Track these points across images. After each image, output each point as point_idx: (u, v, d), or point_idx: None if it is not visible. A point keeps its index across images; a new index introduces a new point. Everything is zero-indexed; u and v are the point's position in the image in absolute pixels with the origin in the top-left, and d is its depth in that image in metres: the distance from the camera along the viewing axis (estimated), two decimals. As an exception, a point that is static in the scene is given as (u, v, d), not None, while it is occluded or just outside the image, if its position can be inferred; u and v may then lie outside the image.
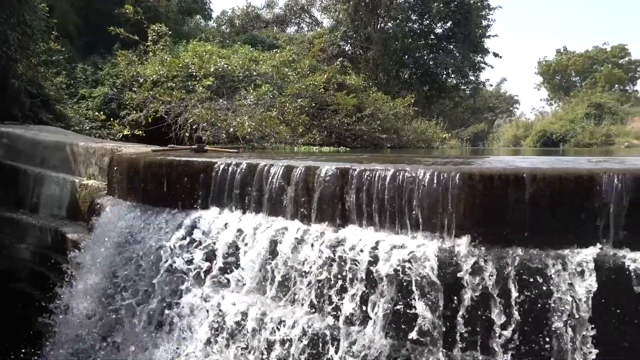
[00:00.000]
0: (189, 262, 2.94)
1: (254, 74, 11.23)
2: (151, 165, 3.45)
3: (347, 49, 26.96)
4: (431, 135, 18.38)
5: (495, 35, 27.54)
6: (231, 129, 8.78)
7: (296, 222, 2.64)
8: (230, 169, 2.99)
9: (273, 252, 2.60)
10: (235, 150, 4.32)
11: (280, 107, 10.35)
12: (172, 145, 5.18)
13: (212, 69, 10.38)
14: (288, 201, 2.71)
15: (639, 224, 2.04)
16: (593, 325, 1.91)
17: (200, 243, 2.93)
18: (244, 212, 2.95)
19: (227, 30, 27.53)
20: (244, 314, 2.62)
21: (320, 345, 2.36)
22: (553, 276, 1.98)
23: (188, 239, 2.96)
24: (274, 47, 18.01)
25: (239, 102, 9.83)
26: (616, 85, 39.01)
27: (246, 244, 2.76)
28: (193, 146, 4.41)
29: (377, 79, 24.78)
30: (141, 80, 10.55)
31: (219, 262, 2.83)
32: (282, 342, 2.45)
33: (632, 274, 1.91)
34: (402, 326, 2.16)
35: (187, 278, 2.94)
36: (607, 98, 30.31)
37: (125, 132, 9.61)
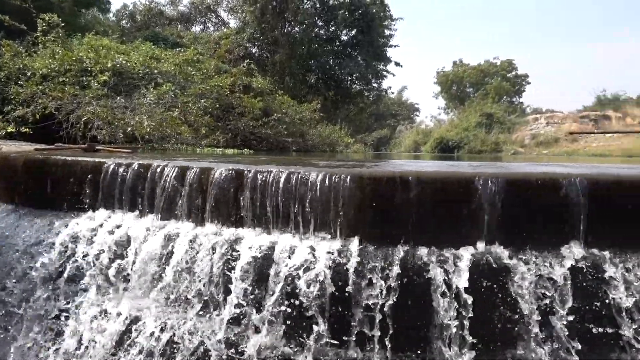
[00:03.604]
0: (77, 266, 2.78)
1: (155, 72, 10.81)
2: (32, 164, 3.21)
3: (254, 51, 26.81)
4: (336, 140, 18.78)
5: (397, 45, 28.57)
6: (129, 129, 8.37)
7: (190, 224, 2.59)
8: (120, 169, 2.86)
9: (165, 255, 2.52)
10: (129, 151, 4.14)
11: (182, 108, 10.05)
12: (59, 144, 4.85)
13: (109, 65, 9.84)
14: (182, 203, 2.65)
15: (511, 224, 2.22)
16: (472, 315, 2.05)
17: (86, 247, 2.77)
18: (135, 215, 2.83)
19: (128, 26, 26.33)
20: (134, 318, 2.51)
21: (214, 346, 2.32)
22: (436, 272, 2.10)
23: (72, 243, 2.79)
24: (178, 45, 17.49)
25: (138, 100, 9.42)
26: (504, 97, 42.14)
27: (137, 247, 2.65)
28: (83, 145, 4.17)
29: (284, 82, 24.91)
30: (29, 74, 9.77)
31: (107, 266, 2.69)
32: (174, 345, 2.38)
33: (506, 270, 2.08)
34: (294, 327, 2.19)
35: (74, 282, 2.77)
36: (497, 108, 32.63)
37: (10, 129, 8.83)
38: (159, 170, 2.73)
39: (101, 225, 2.84)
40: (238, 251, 2.32)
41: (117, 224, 2.80)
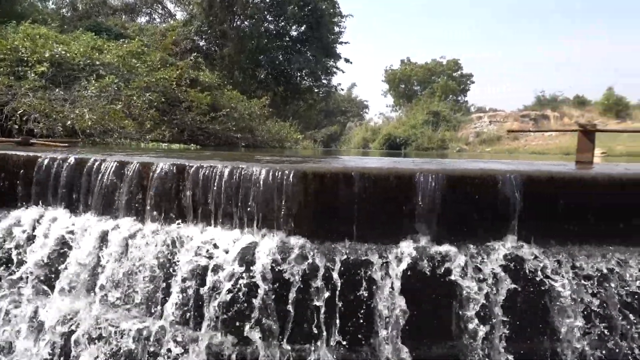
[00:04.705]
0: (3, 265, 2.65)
1: (97, 63, 10.42)
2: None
3: (201, 44, 26.28)
4: (285, 136, 18.74)
5: (347, 42, 28.71)
6: (69, 122, 8.03)
7: (129, 221, 2.51)
8: (55, 164, 2.74)
9: (103, 252, 2.44)
10: (66, 145, 3.98)
11: (126, 101, 9.74)
12: (-9, 137, 4.59)
13: (47, 55, 9.41)
14: (121, 199, 2.56)
15: (451, 219, 2.27)
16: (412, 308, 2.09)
17: (18, 245, 2.64)
18: (71, 211, 2.73)
19: (69, 15, 25.21)
20: (68, 319, 2.42)
21: (154, 346, 2.26)
22: (377, 267, 2.13)
23: (2, 240, 2.65)
24: (122, 36, 16.89)
25: (78, 92, 9.05)
26: (450, 96, 43.26)
27: (73, 245, 2.55)
28: (16, 139, 3.97)
29: (233, 77, 24.57)
30: (-44, 63, 9.20)
31: (40, 265, 2.58)
32: (115, 346, 2.31)
33: (444, 264, 2.13)
34: (237, 323, 2.16)
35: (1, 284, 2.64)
36: (443, 107, 33.52)
37: None
38: (96, 165, 2.63)
39: (35, 222, 2.71)
40: (179, 248, 2.27)
41: (51, 220, 2.69)
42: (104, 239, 2.45)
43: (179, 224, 2.42)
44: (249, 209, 2.28)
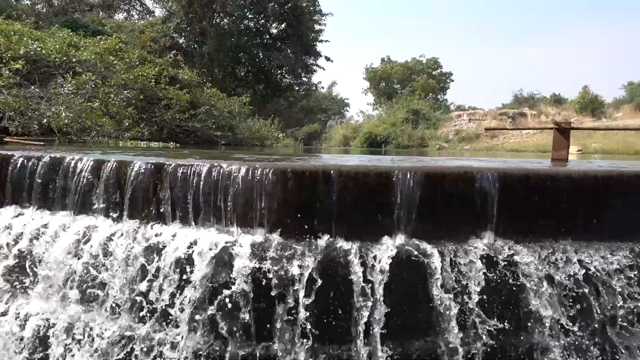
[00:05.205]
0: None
1: (74, 60, 10.24)
2: None
3: (181, 41, 26.06)
4: (266, 134, 18.69)
5: (327, 40, 28.78)
6: (45, 120, 7.89)
7: (106, 220, 2.48)
8: (30, 163, 2.70)
9: (80, 253, 2.41)
10: (42, 143, 3.91)
11: (104, 98, 9.60)
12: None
13: (22, 52, 9.22)
14: (97, 198, 2.53)
15: (428, 216, 2.30)
16: (391, 305, 2.10)
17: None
18: (47, 211, 2.69)
19: (44, 11, 24.75)
20: (47, 322, 2.39)
21: (132, 348, 2.25)
22: (356, 265, 2.14)
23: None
24: (99, 33, 16.62)
25: (54, 90, 8.89)
26: (430, 94, 43.54)
27: (49, 245, 2.51)
28: (-11, 137, 3.89)
29: (213, 75, 24.42)
30: None
31: (16, 266, 2.54)
32: (94, 348, 2.28)
33: (424, 260, 2.15)
34: (216, 323, 2.15)
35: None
36: (423, 105, 33.66)
37: None
38: (72, 163, 2.59)
39: (9, 222, 2.67)
40: (158, 247, 2.25)
41: (27, 220, 2.64)
42: (82, 238, 2.42)
43: (157, 223, 2.40)
44: (228, 207, 2.28)
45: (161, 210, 2.41)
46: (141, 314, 2.24)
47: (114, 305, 2.32)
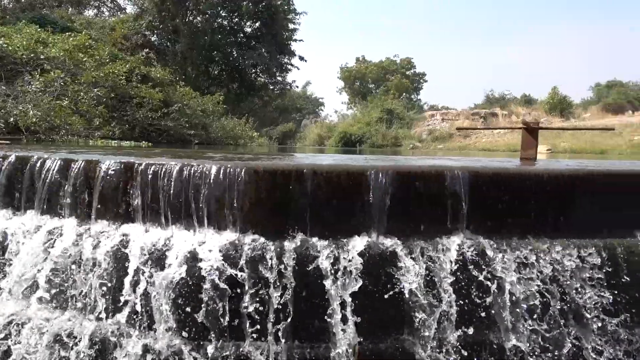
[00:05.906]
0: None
1: (42, 57, 10.02)
2: None
3: (153, 39, 25.71)
4: (240, 133, 18.59)
5: (302, 40, 28.77)
6: (12, 119, 7.70)
7: (74, 221, 2.43)
8: (-6, 162, 2.62)
9: (46, 255, 2.35)
10: (7, 142, 3.81)
11: (73, 96, 9.42)
12: None
13: (-14, 48, 9.00)
14: (65, 198, 2.48)
15: (400, 215, 2.31)
16: (362, 302, 2.11)
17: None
18: (12, 211, 2.62)
19: (10, 6, 24.10)
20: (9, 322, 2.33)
21: (104, 350, 2.21)
22: (328, 263, 2.14)
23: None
24: (68, 30, 16.28)
25: (22, 88, 8.69)
26: (404, 94, 43.93)
27: (14, 247, 2.45)
28: (-48, 136, 3.77)
29: (186, 73, 24.17)
30: None
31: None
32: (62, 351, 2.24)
33: (395, 258, 2.17)
34: (189, 324, 2.13)
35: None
36: (397, 105, 33.93)
37: None
38: (39, 163, 2.53)
39: (-28, 224, 2.59)
40: (127, 249, 2.22)
41: (-8, 221, 2.57)
42: (47, 239, 2.36)
43: (127, 223, 2.36)
44: (199, 207, 2.25)
45: (131, 210, 2.37)
46: (109, 313, 2.21)
47: (83, 304, 2.28)
